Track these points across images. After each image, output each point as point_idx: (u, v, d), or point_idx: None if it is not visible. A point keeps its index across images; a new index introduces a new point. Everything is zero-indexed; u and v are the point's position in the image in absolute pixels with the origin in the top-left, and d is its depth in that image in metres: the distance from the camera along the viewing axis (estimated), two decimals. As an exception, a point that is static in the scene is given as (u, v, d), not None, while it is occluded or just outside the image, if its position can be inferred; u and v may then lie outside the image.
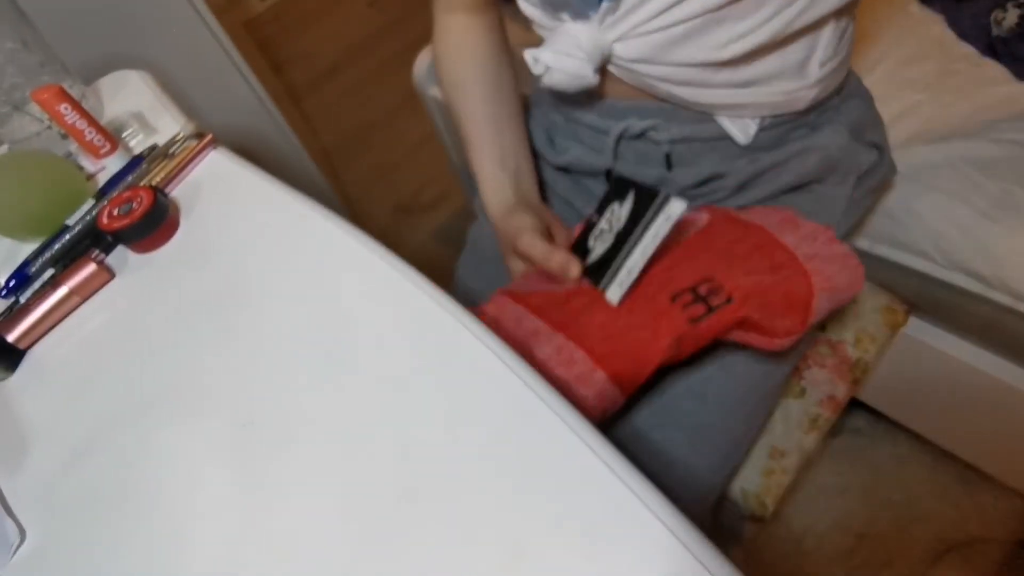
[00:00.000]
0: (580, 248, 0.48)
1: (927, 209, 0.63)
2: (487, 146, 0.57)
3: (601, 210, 0.48)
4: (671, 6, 0.41)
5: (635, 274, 0.43)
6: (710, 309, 0.43)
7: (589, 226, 0.48)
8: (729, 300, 0.43)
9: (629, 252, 0.43)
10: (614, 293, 0.44)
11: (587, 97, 0.52)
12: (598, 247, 0.46)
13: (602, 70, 0.48)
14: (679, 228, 0.49)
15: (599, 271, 0.45)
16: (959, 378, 0.70)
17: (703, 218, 0.50)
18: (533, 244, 0.48)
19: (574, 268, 0.45)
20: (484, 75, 0.56)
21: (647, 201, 0.42)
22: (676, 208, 0.40)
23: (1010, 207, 0.59)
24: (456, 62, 0.57)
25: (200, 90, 1.01)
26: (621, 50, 0.46)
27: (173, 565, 0.32)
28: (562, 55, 0.46)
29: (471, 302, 0.48)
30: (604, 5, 0.43)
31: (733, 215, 0.49)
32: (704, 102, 0.48)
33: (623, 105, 0.52)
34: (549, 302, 0.47)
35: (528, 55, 0.48)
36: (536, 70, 0.48)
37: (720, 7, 0.41)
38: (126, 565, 0.33)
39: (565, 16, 0.47)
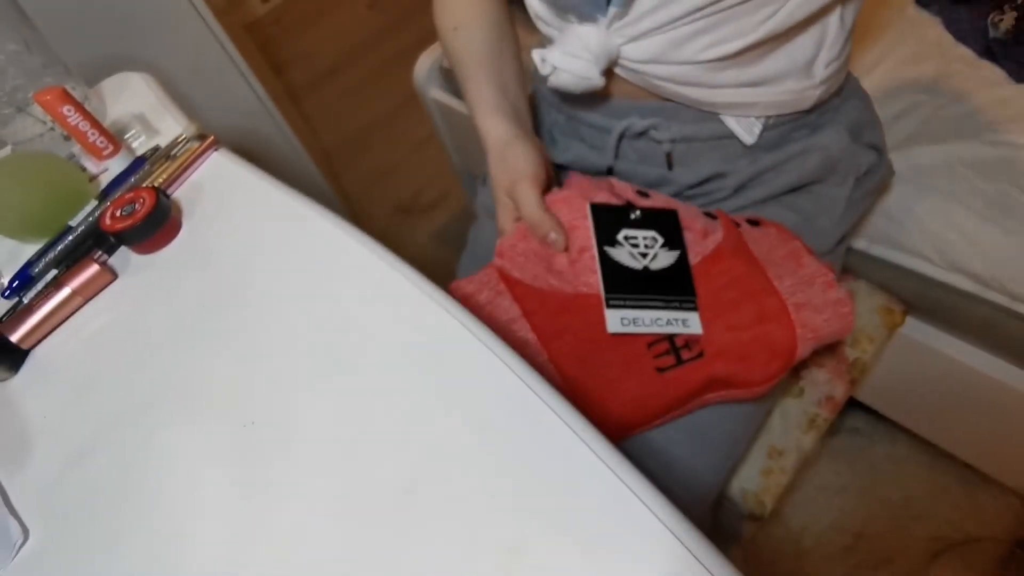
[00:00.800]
0: (609, 221, 0.47)
1: (925, 210, 0.63)
2: (488, 76, 0.53)
3: (648, 221, 0.48)
4: (685, 13, 0.42)
5: (636, 329, 0.45)
6: (679, 361, 0.45)
7: (626, 212, 0.48)
8: (700, 355, 0.45)
9: (644, 307, 0.46)
10: (614, 324, 0.45)
11: (590, 96, 0.53)
12: (624, 250, 0.47)
13: (607, 70, 0.49)
14: (690, 231, 0.50)
15: (613, 281, 0.46)
16: (956, 378, 0.70)
17: (715, 237, 0.50)
18: (527, 197, 0.46)
19: (559, 241, 0.47)
20: (486, 19, 0.55)
21: (682, 284, 0.47)
22: (694, 327, 0.45)
23: (1007, 208, 0.59)
24: (457, 7, 0.56)
25: (202, 92, 1.02)
26: (629, 52, 0.46)
27: (175, 565, 0.32)
28: (569, 56, 0.46)
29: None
30: (612, 10, 0.44)
31: (742, 243, 0.49)
32: (711, 101, 0.49)
33: (625, 104, 0.52)
34: (542, 305, 0.47)
35: (536, 55, 0.48)
36: (543, 70, 0.48)
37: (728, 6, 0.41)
38: (128, 564, 0.33)
39: (572, 18, 0.47)
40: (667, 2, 0.42)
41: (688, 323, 0.45)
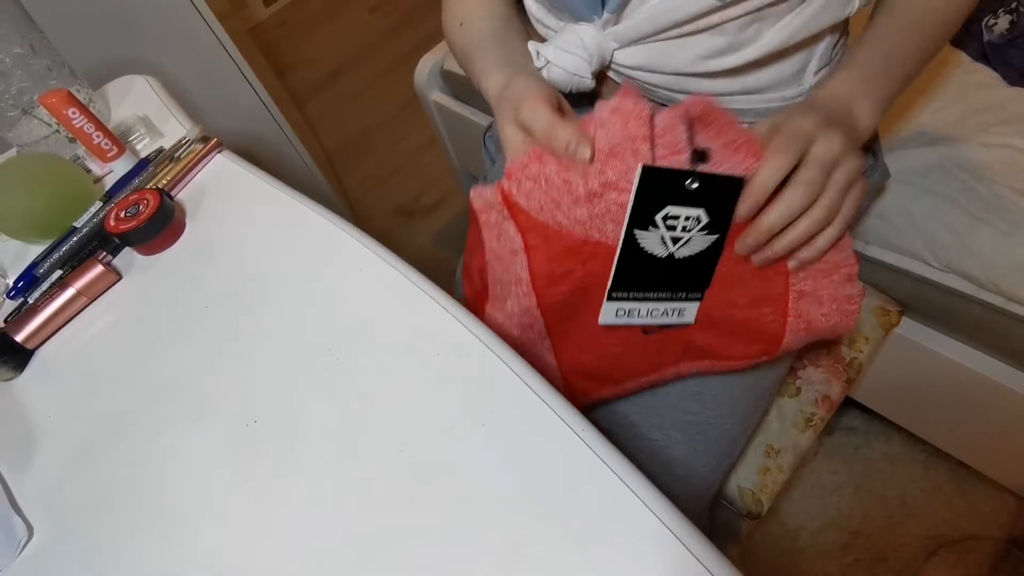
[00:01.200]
0: (658, 192, 0.37)
1: (920, 212, 0.63)
2: (493, 52, 0.51)
3: (704, 193, 0.37)
4: (672, 25, 0.43)
5: (630, 320, 0.42)
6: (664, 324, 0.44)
7: (682, 180, 0.37)
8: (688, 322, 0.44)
9: (645, 299, 0.41)
10: (608, 317, 0.41)
11: (587, 98, 0.53)
12: (655, 235, 0.39)
13: (602, 74, 0.49)
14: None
15: (626, 273, 0.40)
16: (951, 377, 0.71)
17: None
18: (536, 112, 0.40)
19: (584, 151, 0.38)
20: (490, 12, 0.54)
21: (699, 275, 0.42)
22: (688, 317, 0.43)
23: (1001, 210, 0.60)
24: (461, 5, 0.55)
25: (205, 94, 1.02)
26: (620, 57, 0.47)
27: (177, 563, 0.33)
28: (563, 52, 0.46)
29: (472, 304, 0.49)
30: (605, 15, 0.44)
31: None
32: None
33: None
34: (546, 242, 0.42)
35: (531, 46, 0.49)
36: (537, 63, 0.48)
37: (714, 12, 0.42)
38: (131, 562, 0.33)
39: (567, 18, 0.48)
40: (657, 14, 0.42)
41: (683, 313, 0.42)
